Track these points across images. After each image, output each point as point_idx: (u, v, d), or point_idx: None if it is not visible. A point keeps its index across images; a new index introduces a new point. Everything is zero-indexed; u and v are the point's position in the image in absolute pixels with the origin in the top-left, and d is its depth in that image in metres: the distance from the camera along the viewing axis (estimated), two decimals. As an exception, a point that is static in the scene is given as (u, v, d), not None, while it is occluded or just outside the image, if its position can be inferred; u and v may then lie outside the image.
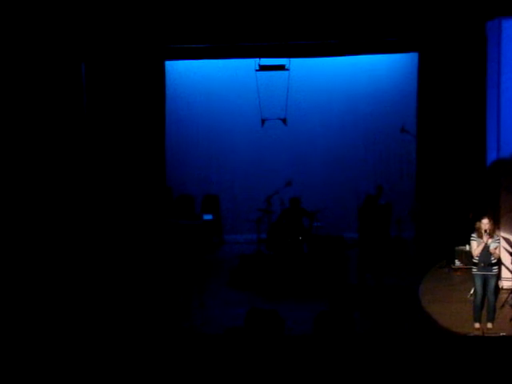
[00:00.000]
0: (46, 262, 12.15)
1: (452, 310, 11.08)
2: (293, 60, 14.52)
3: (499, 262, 10.62)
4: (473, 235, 10.31)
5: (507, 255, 11.54)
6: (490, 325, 10.27)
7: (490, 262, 10.17)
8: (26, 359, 7.79)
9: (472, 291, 10.72)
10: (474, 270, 10.34)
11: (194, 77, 15.57)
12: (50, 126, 12.91)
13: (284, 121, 14.96)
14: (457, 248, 13.10)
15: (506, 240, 11.49)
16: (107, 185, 13.70)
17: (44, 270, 11.98)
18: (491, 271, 10.21)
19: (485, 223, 10.15)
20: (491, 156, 12.23)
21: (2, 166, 12.28)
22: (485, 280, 10.22)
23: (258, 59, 14.43)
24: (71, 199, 13.10)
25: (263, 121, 14.96)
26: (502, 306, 10.95)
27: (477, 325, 10.24)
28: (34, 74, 12.67)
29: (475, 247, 10.24)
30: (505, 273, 11.84)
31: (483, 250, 10.14)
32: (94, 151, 13.70)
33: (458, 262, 13.14)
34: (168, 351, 8.10)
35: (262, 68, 14.54)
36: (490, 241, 10.13)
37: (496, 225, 11.06)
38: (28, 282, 11.49)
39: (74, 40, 12.99)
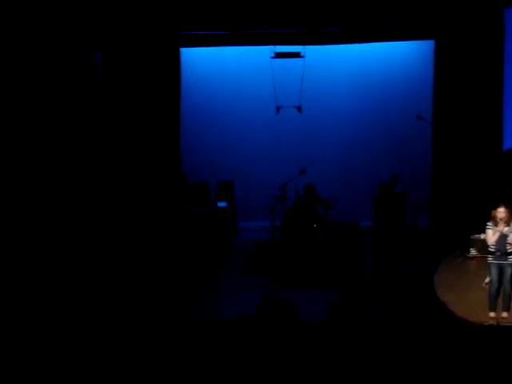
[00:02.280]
0: (58, 248, 12.20)
1: (467, 299, 11.03)
2: (308, 47, 14.46)
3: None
4: (488, 224, 10.25)
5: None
6: (505, 314, 10.22)
7: (506, 250, 10.11)
8: (36, 357, 7.82)
9: (487, 280, 10.67)
10: (490, 258, 10.29)
11: (209, 64, 15.54)
12: (66, 113, 12.95)
13: (299, 108, 14.93)
14: (472, 236, 13.04)
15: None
16: (122, 171, 13.72)
17: (56, 254, 12.03)
18: (507, 260, 10.14)
19: (501, 211, 10.08)
20: (508, 143, 12.14)
21: (20, 149, 12.32)
22: (500, 269, 10.17)
23: (273, 46, 14.38)
24: (86, 184, 13.14)
25: (278, 108, 14.93)
26: (518, 294, 10.88)
27: (492, 314, 10.19)
28: (50, 62, 12.70)
29: (491, 236, 10.18)
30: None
31: (499, 239, 10.08)
32: (109, 138, 13.73)
33: (473, 251, 13.08)
34: (181, 338, 8.12)
35: (278, 55, 14.50)
36: (506, 229, 10.07)
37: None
38: (43, 268, 11.54)
39: (90, 28, 13.00)
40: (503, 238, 10.07)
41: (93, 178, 13.33)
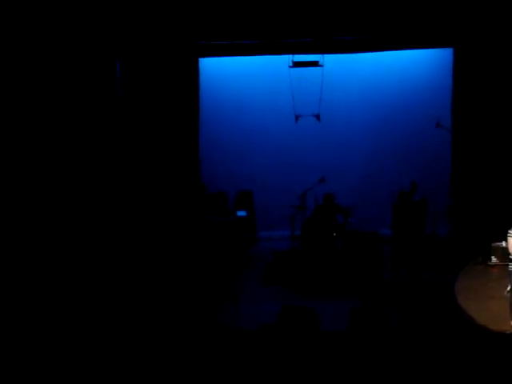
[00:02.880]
0: (79, 250, 12.28)
1: (488, 307, 10.93)
2: (326, 56, 14.48)
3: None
4: (510, 231, 10.17)
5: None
6: (526, 322, 10.14)
7: (527, 258, 10.04)
8: (38, 357, 7.87)
9: (509, 288, 10.58)
10: (511, 266, 10.22)
11: (228, 74, 15.61)
12: (85, 122, 13.04)
13: (318, 117, 14.94)
14: (493, 244, 12.95)
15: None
16: (141, 181, 13.78)
17: (77, 256, 12.11)
18: (528, 268, 10.07)
19: (522, 219, 10.02)
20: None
21: (36, 163, 12.42)
22: (522, 277, 10.09)
23: (291, 55, 14.42)
24: (106, 195, 13.21)
25: (297, 117, 14.96)
26: (540, 303, 10.80)
27: (513, 322, 10.12)
28: (69, 71, 12.80)
29: (511, 243, 10.11)
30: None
31: (520, 246, 10.01)
32: (128, 148, 13.80)
33: (494, 259, 12.96)
34: (201, 346, 8.14)
35: (296, 64, 14.53)
36: (527, 237, 10.00)
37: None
38: (56, 269, 11.60)
39: (109, 38, 13.10)
40: (525, 245, 9.99)
41: (113, 188, 13.40)
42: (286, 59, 14.51)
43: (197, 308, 11.26)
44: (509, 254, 10.31)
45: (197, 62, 14.46)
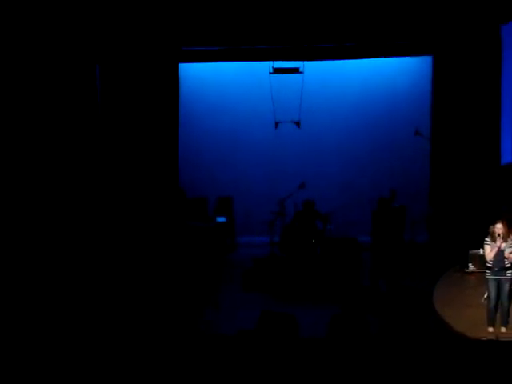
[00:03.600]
0: (53, 268, 12.16)
1: (465, 314, 11.03)
2: (307, 63, 14.54)
3: (513, 266, 10.58)
4: (486, 239, 10.27)
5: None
6: (503, 329, 10.21)
7: (504, 266, 10.12)
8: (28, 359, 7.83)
9: (486, 295, 10.67)
10: (488, 273, 10.30)
11: (208, 79, 15.63)
12: (63, 127, 12.96)
13: (298, 124, 14.98)
14: (470, 252, 13.06)
15: (521, 244, 11.41)
16: (120, 186, 13.73)
17: (49, 275, 11.99)
18: (505, 275, 10.15)
19: (498, 227, 10.11)
20: (506, 158, 12.19)
21: (13, 169, 12.32)
22: (498, 284, 10.18)
23: (272, 62, 14.45)
24: (83, 201, 13.14)
25: (277, 123, 14.98)
26: (516, 310, 10.90)
27: (490, 329, 10.19)
28: (48, 75, 12.73)
29: (488, 251, 10.20)
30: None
31: (497, 254, 10.11)
32: (107, 153, 13.75)
33: (471, 266, 13.09)
34: (181, 352, 8.12)
35: (276, 71, 14.57)
36: (503, 245, 10.09)
37: (510, 229, 11.02)
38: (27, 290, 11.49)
39: (89, 42, 13.06)
40: (501, 253, 10.09)
41: (91, 191, 13.33)
42: (267, 65, 14.54)
43: (176, 314, 11.23)
44: (485, 261, 10.42)
45: (177, 67, 14.46)
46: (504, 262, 10.11)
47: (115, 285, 12.13)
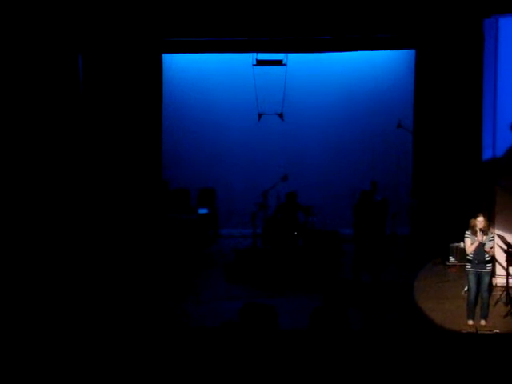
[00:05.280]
0: (37, 257, 12.12)
1: (446, 307, 11.13)
2: (290, 55, 14.52)
3: (493, 260, 10.68)
4: (467, 232, 10.36)
5: (501, 252, 11.59)
6: (483, 322, 10.31)
7: (484, 259, 10.22)
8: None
9: (466, 288, 10.77)
10: (468, 266, 10.39)
11: (191, 70, 15.59)
12: (46, 117, 12.88)
13: (281, 116, 14.97)
14: (451, 245, 13.16)
15: (501, 237, 11.53)
16: (102, 178, 13.68)
17: (35, 265, 11.96)
18: (485, 268, 10.26)
19: (479, 221, 10.20)
20: (487, 153, 12.27)
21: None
22: (478, 277, 10.27)
23: (255, 54, 14.43)
24: (66, 192, 13.08)
25: (260, 115, 14.97)
26: (496, 303, 11.00)
27: (470, 322, 10.28)
28: (30, 64, 12.64)
29: (469, 244, 10.29)
30: (499, 270, 11.90)
31: (477, 248, 10.20)
32: (89, 144, 13.69)
33: (452, 259, 13.20)
34: (163, 345, 8.14)
35: (260, 63, 14.54)
36: (484, 238, 10.18)
37: (491, 222, 11.13)
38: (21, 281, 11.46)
39: (72, 31, 12.96)
40: (481, 246, 10.18)
41: (73, 184, 13.26)
42: (250, 57, 14.52)
43: (158, 306, 11.23)
44: (466, 254, 10.51)
45: (160, 58, 14.40)
46: (484, 255, 10.21)
47: (97, 276, 12.11)
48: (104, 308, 10.77)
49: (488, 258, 10.25)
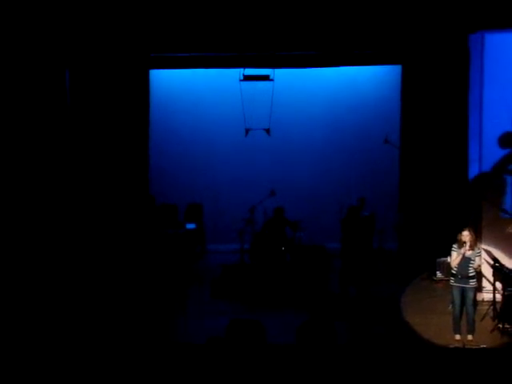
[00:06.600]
0: (24, 271, 12.06)
1: (433, 322, 11.13)
2: (277, 70, 14.58)
3: (477, 275, 10.66)
4: (454, 246, 10.37)
5: (488, 267, 11.60)
6: (470, 337, 10.31)
7: (468, 274, 10.21)
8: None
9: (452, 303, 10.76)
10: (452, 280, 10.40)
11: (179, 86, 15.62)
12: (32, 131, 12.84)
13: (268, 131, 15.00)
14: (438, 259, 13.17)
15: (487, 252, 11.56)
16: (89, 193, 13.64)
17: (22, 277, 11.91)
18: (468, 284, 10.24)
19: (465, 235, 10.21)
20: (473, 168, 12.32)
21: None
22: (462, 292, 10.26)
23: (242, 69, 14.48)
24: (52, 207, 13.02)
25: (247, 131, 14.99)
26: (483, 318, 11.00)
27: (457, 336, 10.28)
28: (18, 79, 12.62)
29: (454, 258, 10.29)
30: (486, 285, 11.91)
31: (461, 262, 10.19)
32: (76, 158, 13.65)
33: (439, 274, 13.21)
34: (150, 361, 8.08)
35: (247, 78, 14.59)
36: (470, 253, 10.19)
37: (477, 237, 11.14)
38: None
39: (59, 46, 12.97)
40: (466, 261, 10.18)
41: (60, 198, 13.22)
42: (237, 73, 14.56)
43: (144, 322, 11.17)
44: (451, 268, 10.51)
45: (147, 74, 14.43)
46: (468, 270, 10.20)
47: (84, 290, 12.05)
48: (89, 322, 10.71)
49: (472, 274, 10.24)
